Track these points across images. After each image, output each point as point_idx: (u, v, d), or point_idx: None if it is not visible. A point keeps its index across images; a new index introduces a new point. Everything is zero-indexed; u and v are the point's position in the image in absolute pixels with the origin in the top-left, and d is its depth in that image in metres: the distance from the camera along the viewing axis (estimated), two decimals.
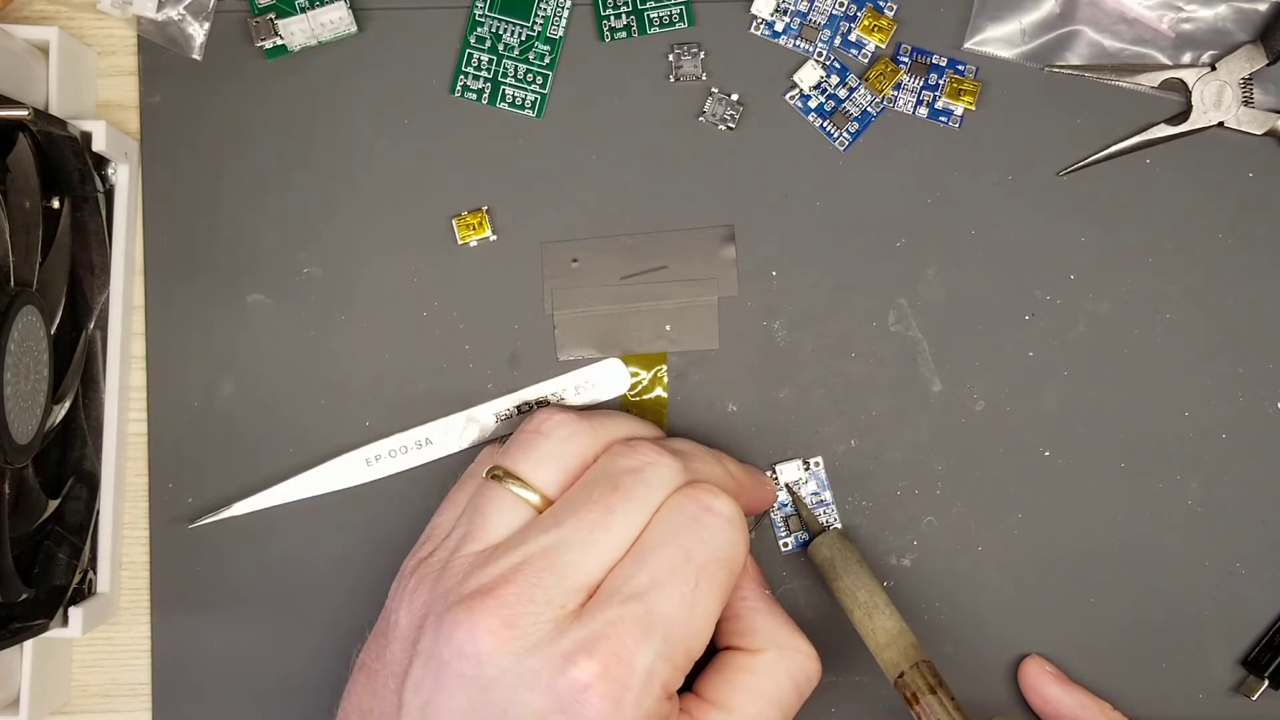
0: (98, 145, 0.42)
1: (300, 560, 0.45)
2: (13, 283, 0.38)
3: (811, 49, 0.45)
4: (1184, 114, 0.44)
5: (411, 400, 0.45)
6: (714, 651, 0.40)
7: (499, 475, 0.39)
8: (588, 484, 0.38)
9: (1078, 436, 0.45)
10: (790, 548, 0.45)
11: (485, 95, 0.45)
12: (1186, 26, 0.45)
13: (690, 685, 0.39)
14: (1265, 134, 0.44)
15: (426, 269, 0.45)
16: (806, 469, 0.45)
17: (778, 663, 0.39)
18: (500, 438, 0.44)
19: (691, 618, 0.36)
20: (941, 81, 0.45)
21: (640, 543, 0.37)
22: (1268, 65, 0.44)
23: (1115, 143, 0.45)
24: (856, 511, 0.45)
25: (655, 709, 0.35)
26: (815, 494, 0.45)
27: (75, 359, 0.42)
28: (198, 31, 0.44)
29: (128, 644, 0.45)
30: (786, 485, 0.44)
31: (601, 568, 0.36)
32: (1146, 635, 0.45)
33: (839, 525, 0.45)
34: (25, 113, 0.38)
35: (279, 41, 0.44)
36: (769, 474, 0.45)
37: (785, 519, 0.45)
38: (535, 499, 0.38)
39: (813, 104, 0.45)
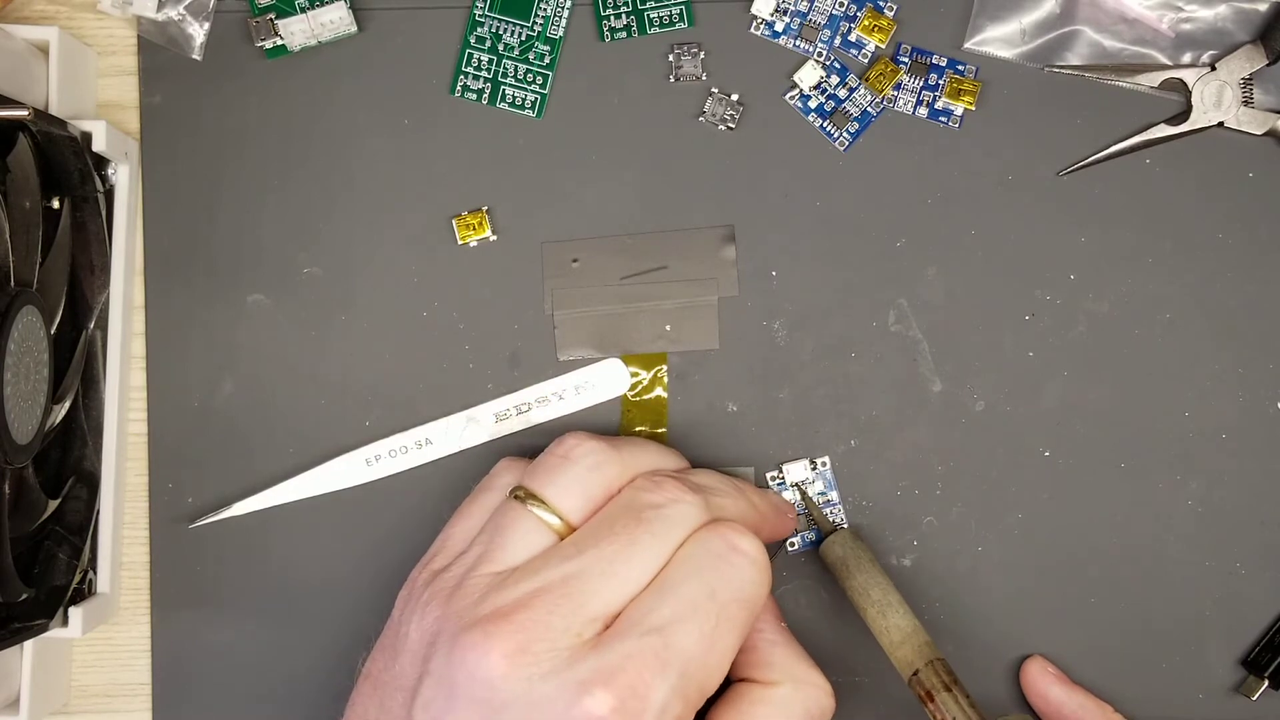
0: (98, 145, 0.42)
1: (300, 560, 0.45)
2: (13, 283, 0.38)
3: (811, 49, 0.45)
4: (1184, 114, 0.45)
5: (411, 400, 0.45)
6: (728, 682, 0.40)
7: (522, 496, 0.38)
8: (611, 515, 0.38)
9: (1078, 436, 0.45)
10: (796, 548, 0.45)
11: (485, 95, 0.45)
12: (1186, 26, 0.45)
13: (702, 717, 0.39)
14: (1265, 134, 0.44)
15: (426, 269, 0.45)
16: (814, 469, 0.45)
17: (793, 696, 0.39)
18: (528, 456, 0.43)
19: (709, 656, 0.36)
20: (941, 81, 0.45)
21: (664, 576, 0.36)
22: (1268, 65, 0.44)
23: (1115, 143, 0.45)
24: (857, 511, 0.45)
25: None
26: (822, 494, 0.45)
27: (75, 359, 0.42)
28: (198, 31, 0.44)
29: (128, 644, 0.45)
30: (796, 485, 0.44)
31: (619, 599, 0.36)
32: (1146, 635, 0.45)
33: (847, 525, 0.45)
34: (25, 113, 0.38)
35: (279, 41, 0.44)
36: (775, 473, 0.45)
37: None
38: (558, 524, 0.38)
39: (813, 104, 0.45)
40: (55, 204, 0.42)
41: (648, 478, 0.39)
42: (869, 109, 0.45)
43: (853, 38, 0.45)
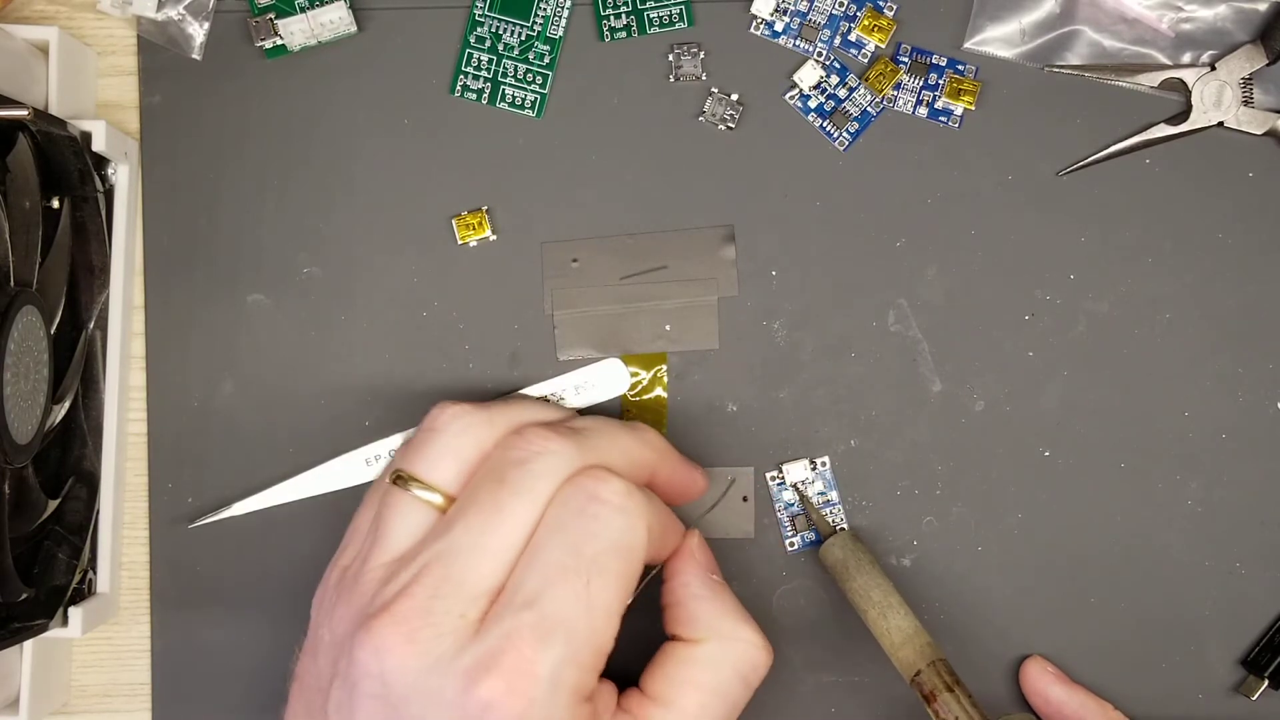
0: (98, 145, 0.42)
1: (300, 560, 0.45)
2: (13, 283, 0.38)
3: (811, 49, 0.45)
4: (1184, 114, 0.45)
5: (411, 400, 0.45)
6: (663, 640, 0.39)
7: (398, 478, 0.38)
8: (477, 482, 0.37)
9: (1078, 436, 0.45)
10: (796, 548, 0.45)
11: (485, 95, 0.45)
12: (1186, 26, 0.45)
13: (635, 679, 0.38)
14: (1265, 134, 0.44)
15: (426, 269, 0.45)
16: (813, 469, 0.45)
17: (719, 654, 0.38)
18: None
19: (591, 616, 0.35)
20: (941, 81, 0.45)
21: (532, 543, 0.36)
22: (1268, 65, 0.44)
23: (1115, 143, 0.45)
24: (857, 511, 0.45)
25: (567, 715, 0.34)
26: (821, 494, 0.45)
27: (75, 359, 0.42)
28: (198, 31, 0.44)
29: (128, 644, 0.45)
30: (795, 486, 0.44)
31: (496, 570, 0.35)
32: (1146, 635, 0.45)
33: (845, 526, 0.45)
34: (25, 113, 0.38)
35: (279, 41, 0.44)
36: (775, 474, 0.45)
37: (792, 519, 0.45)
38: (437, 499, 0.37)
39: (813, 104, 0.45)
40: (55, 204, 0.42)
41: (514, 433, 0.38)
42: (869, 109, 0.45)
43: (853, 37, 0.45)
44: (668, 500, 0.41)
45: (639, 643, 0.39)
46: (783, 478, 0.45)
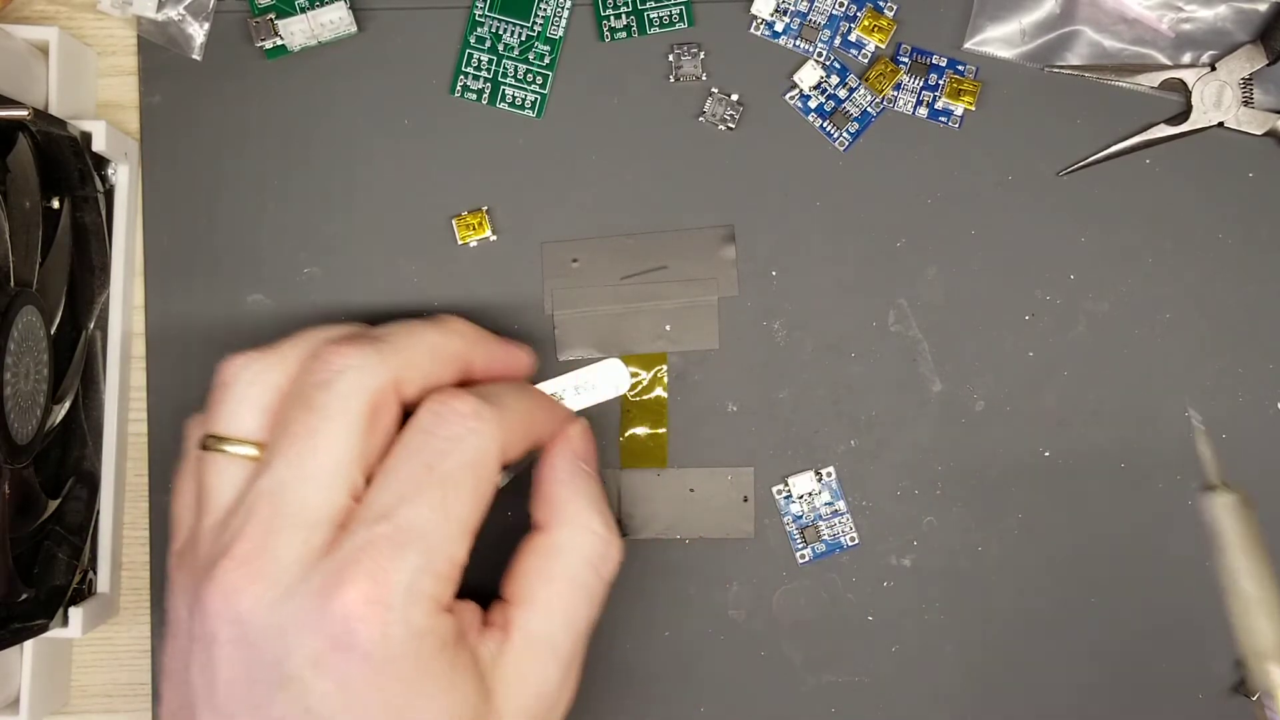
0: (98, 145, 0.42)
1: None
2: (13, 283, 0.38)
3: (811, 49, 0.45)
4: (1184, 114, 0.44)
5: None
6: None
7: (205, 443, 0.37)
8: (285, 413, 0.36)
9: (1078, 436, 0.45)
10: (807, 559, 0.45)
11: (485, 95, 0.45)
12: (1186, 26, 0.45)
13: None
14: (1265, 134, 0.44)
15: (426, 269, 0.45)
16: (819, 479, 0.45)
17: (568, 542, 0.38)
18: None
19: (447, 526, 0.34)
20: (941, 81, 0.45)
21: (383, 465, 0.35)
22: (1268, 65, 0.44)
23: (1115, 143, 0.45)
24: (857, 511, 0.45)
25: (428, 624, 0.34)
26: (829, 503, 0.45)
27: (75, 359, 0.42)
28: (198, 31, 0.44)
29: (128, 644, 0.45)
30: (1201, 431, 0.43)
31: (327, 495, 0.35)
32: (1146, 635, 0.45)
33: (1229, 486, 0.39)
34: (25, 113, 0.38)
35: (279, 41, 0.44)
36: (780, 487, 0.45)
37: (801, 531, 0.45)
38: (250, 450, 0.36)
39: (813, 104, 0.45)
40: (55, 204, 0.42)
41: (311, 357, 0.37)
42: (869, 109, 0.45)
43: (853, 38, 0.45)
44: None
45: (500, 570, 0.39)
46: (789, 490, 0.45)
